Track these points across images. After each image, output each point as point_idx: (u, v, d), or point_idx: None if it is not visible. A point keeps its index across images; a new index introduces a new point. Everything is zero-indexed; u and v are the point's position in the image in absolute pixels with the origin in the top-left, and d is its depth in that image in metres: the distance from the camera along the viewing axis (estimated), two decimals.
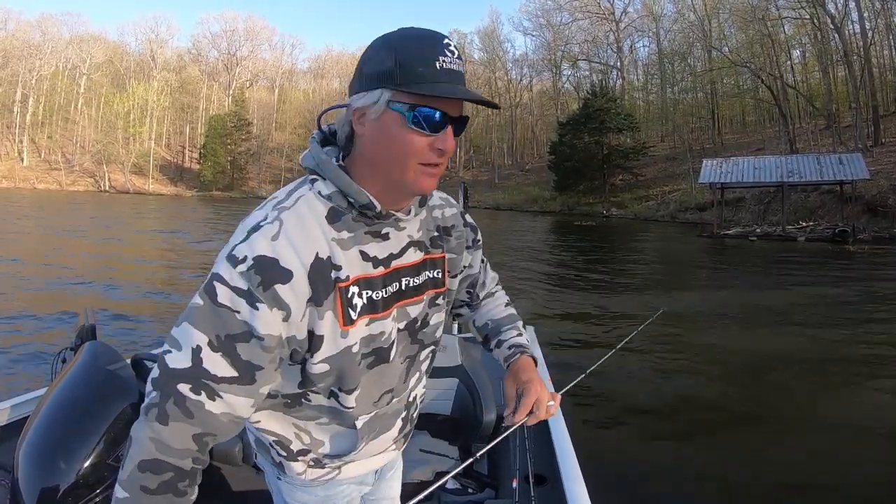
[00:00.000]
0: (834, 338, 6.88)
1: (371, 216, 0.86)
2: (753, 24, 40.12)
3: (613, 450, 3.71)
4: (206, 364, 0.76)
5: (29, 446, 1.67)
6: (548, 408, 1.04)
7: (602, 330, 7.31)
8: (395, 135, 0.80)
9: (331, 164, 0.85)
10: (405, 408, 1.05)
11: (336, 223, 0.84)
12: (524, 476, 1.81)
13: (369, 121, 0.81)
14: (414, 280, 0.94)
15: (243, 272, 0.76)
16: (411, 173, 0.82)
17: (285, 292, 0.77)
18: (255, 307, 0.76)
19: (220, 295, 0.76)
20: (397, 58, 0.77)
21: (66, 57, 64.73)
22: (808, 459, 3.69)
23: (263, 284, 0.76)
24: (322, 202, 0.84)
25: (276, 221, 0.80)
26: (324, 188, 0.84)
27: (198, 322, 0.77)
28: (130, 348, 5.06)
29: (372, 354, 0.89)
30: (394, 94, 0.78)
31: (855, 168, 21.05)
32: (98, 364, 1.96)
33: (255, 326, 0.76)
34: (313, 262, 0.79)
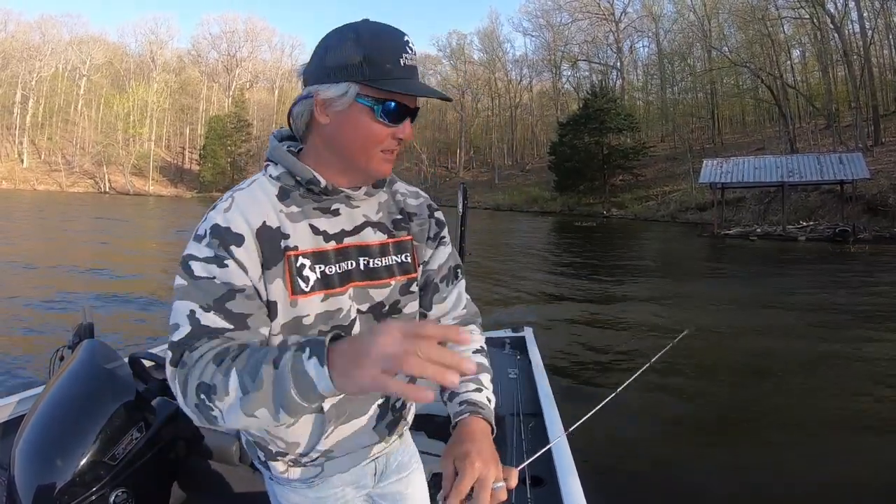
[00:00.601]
0: (835, 337, 6.87)
1: (318, 192, 0.90)
2: (753, 24, 40.16)
3: (610, 452, 3.69)
4: (203, 322, 0.81)
5: (26, 444, 1.67)
6: (493, 492, 0.80)
7: (603, 332, 7.29)
8: (361, 125, 0.85)
9: (280, 149, 0.92)
10: (381, 395, 1.00)
11: (285, 200, 0.90)
12: (521, 477, 1.80)
13: (334, 111, 0.85)
14: (375, 261, 0.95)
15: (206, 243, 0.83)
16: (374, 160, 0.88)
17: (240, 253, 0.83)
18: (225, 265, 0.82)
19: (195, 270, 0.82)
20: (365, 54, 0.81)
21: (66, 58, 64.82)
22: (808, 458, 3.68)
23: (223, 246, 0.83)
24: (272, 183, 0.91)
25: (229, 199, 0.88)
26: (273, 171, 0.91)
27: (185, 297, 0.82)
28: (128, 347, 5.06)
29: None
30: (361, 88, 0.82)
31: (855, 168, 21.05)
32: (95, 362, 1.96)
33: (232, 282, 0.82)
34: (260, 227, 0.85)
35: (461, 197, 3.39)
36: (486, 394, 0.96)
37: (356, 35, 0.83)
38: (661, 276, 12.52)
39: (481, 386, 0.97)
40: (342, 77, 0.82)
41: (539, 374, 2.78)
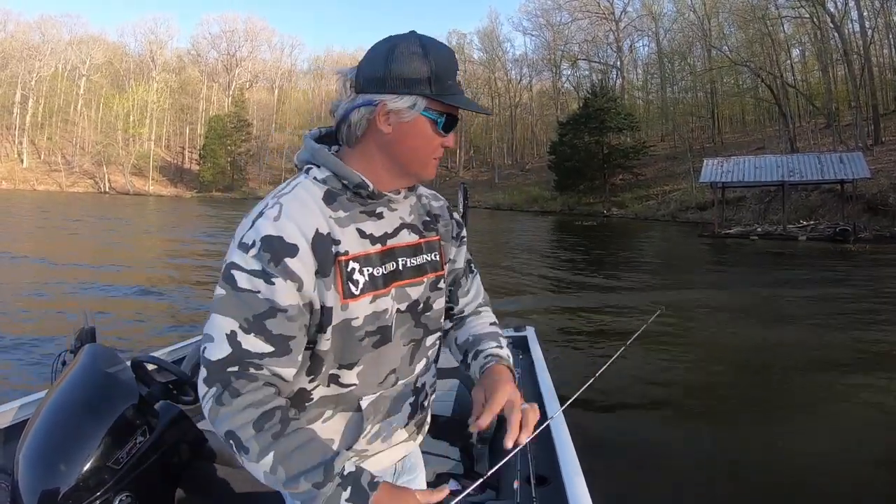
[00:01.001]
0: (836, 336, 6.87)
1: (364, 196, 0.93)
2: (753, 23, 40.11)
3: (616, 450, 3.70)
4: (245, 346, 0.83)
5: (29, 449, 1.66)
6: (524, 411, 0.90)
7: (604, 331, 7.30)
8: (425, 136, 0.91)
9: (324, 151, 0.93)
10: (413, 393, 1.05)
11: (332, 204, 0.91)
12: (525, 477, 1.80)
13: (399, 121, 0.89)
14: (411, 261, 0.99)
15: (255, 255, 0.83)
16: (429, 167, 0.95)
17: (295, 264, 0.84)
18: (272, 282, 0.83)
19: (238, 280, 0.83)
20: (433, 70, 0.87)
21: (66, 58, 64.75)
22: (808, 455, 3.69)
23: (274, 260, 0.83)
24: (318, 186, 0.92)
25: (277, 205, 0.87)
26: (318, 173, 0.92)
27: (225, 310, 0.83)
28: (130, 351, 5.05)
29: (377, 333, 0.93)
30: (429, 102, 0.88)
31: (856, 167, 21.03)
32: (98, 366, 1.95)
33: (276, 301, 0.83)
34: (314, 236, 0.86)
35: (461, 197, 3.39)
36: (505, 350, 1.09)
37: (423, 50, 0.87)
38: (663, 276, 12.52)
39: (501, 344, 1.10)
40: (411, 90, 0.87)
41: (542, 373, 2.78)
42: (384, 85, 0.87)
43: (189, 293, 8.94)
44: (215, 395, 0.82)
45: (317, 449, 0.82)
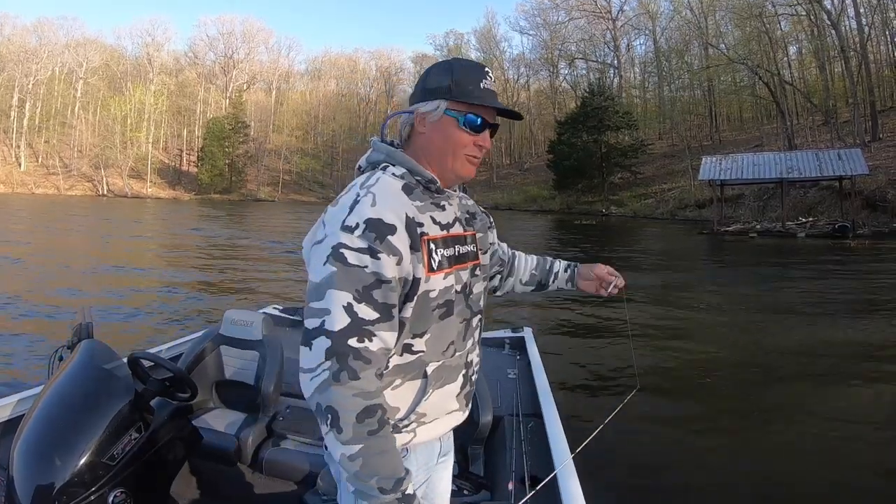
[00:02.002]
0: (837, 332, 6.87)
1: (433, 190, 1.11)
2: (750, 21, 40.15)
3: (609, 451, 3.69)
4: (360, 315, 0.95)
5: (25, 444, 1.66)
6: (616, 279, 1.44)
7: (604, 331, 7.29)
8: (450, 133, 1.10)
9: (400, 152, 1.12)
10: (465, 366, 1.19)
11: (410, 195, 1.07)
12: (520, 478, 1.80)
13: (430, 122, 1.10)
14: (461, 248, 1.16)
15: (360, 235, 0.97)
16: (459, 162, 1.12)
17: (395, 240, 0.98)
18: (378, 258, 0.96)
19: (348, 258, 0.96)
20: (453, 78, 1.08)
21: (63, 61, 64.63)
22: (809, 452, 3.68)
23: (379, 238, 0.97)
24: (396, 180, 1.08)
25: (369, 195, 1.01)
26: (395, 170, 1.10)
27: (339, 285, 0.95)
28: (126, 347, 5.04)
29: (444, 306, 1.09)
30: (450, 104, 1.08)
31: (854, 163, 21.06)
32: (94, 363, 1.96)
33: (382, 273, 0.96)
34: (406, 218, 1.02)
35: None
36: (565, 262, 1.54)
37: (450, 67, 1.10)
38: (664, 274, 12.51)
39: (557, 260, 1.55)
40: (436, 96, 1.08)
41: (539, 374, 2.77)
42: (418, 97, 1.11)
43: (188, 291, 8.93)
44: (333, 371, 0.93)
45: (396, 462, 0.96)
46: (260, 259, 13.88)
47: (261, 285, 9.83)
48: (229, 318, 2.74)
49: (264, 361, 2.62)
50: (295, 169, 66.51)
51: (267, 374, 2.56)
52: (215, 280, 10.50)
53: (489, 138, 1.13)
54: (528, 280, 1.53)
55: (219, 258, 13.77)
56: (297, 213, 37.21)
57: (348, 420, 0.91)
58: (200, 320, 6.91)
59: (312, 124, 72.84)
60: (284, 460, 2.34)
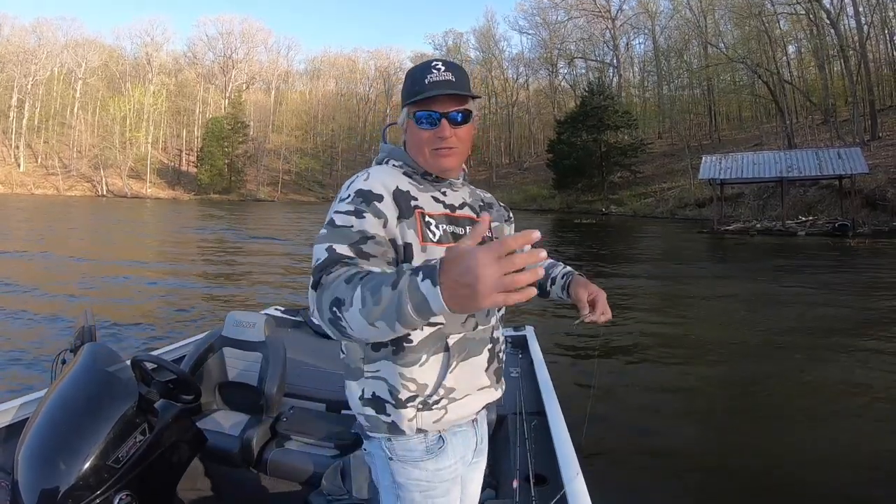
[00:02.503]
0: (838, 331, 6.87)
1: (430, 180, 1.21)
2: (749, 20, 40.16)
3: (615, 449, 3.69)
4: (338, 251, 1.01)
5: (29, 448, 1.66)
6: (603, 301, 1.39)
7: (603, 331, 7.28)
8: (414, 133, 1.19)
9: (399, 150, 1.25)
10: (490, 341, 1.23)
11: (410, 178, 1.19)
12: (524, 476, 1.80)
13: (406, 128, 1.22)
14: (461, 229, 1.19)
15: (349, 201, 1.09)
16: (431, 157, 1.19)
17: (381, 205, 1.09)
18: (363, 216, 1.06)
19: (336, 220, 1.06)
20: (406, 83, 1.19)
21: (62, 61, 64.57)
22: (810, 450, 3.68)
23: (365, 202, 1.08)
24: (397, 168, 1.21)
25: (366, 173, 1.15)
26: (396, 162, 1.23)
27: (324, 239, 1.03)
28: (130, 350, 5.04)
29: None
30: (409, 108, 1.18)
31: (854, 162, 21.06)
32: (98, 366, 1.95)
33: (365, 230, 1.05)
34: (395, 189, 1.13)
35: None
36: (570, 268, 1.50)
37: (408, 74, 1.20)
38: (666, 272, 12.52)
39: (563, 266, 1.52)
40: (404, 104, 1.20)
41: (541, 372, 2.78)
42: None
43: (190, 293, 8.92)
44: (315, 285, 0.95)
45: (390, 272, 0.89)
46: (261, 258, 13.87)
47: (264, 286, 9.83)
48: (232, 320, 2.75)
49: (267, 362, 2.62)
50: (294, 169, 66.49)
51: (270, 376, 2.56)
52: (217, 280, 10.50)
53: (448, 127, 1.16)
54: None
55: (220, 257, 13.77)
56: (297, 212, 37.19)
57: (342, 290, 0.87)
58: (203, 322, 6.91)
59: (312, 124, 72.82)
60: (289, 461, 2.34)
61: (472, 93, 1.20)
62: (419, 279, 0.79)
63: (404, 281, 0.81)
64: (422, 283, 0.79)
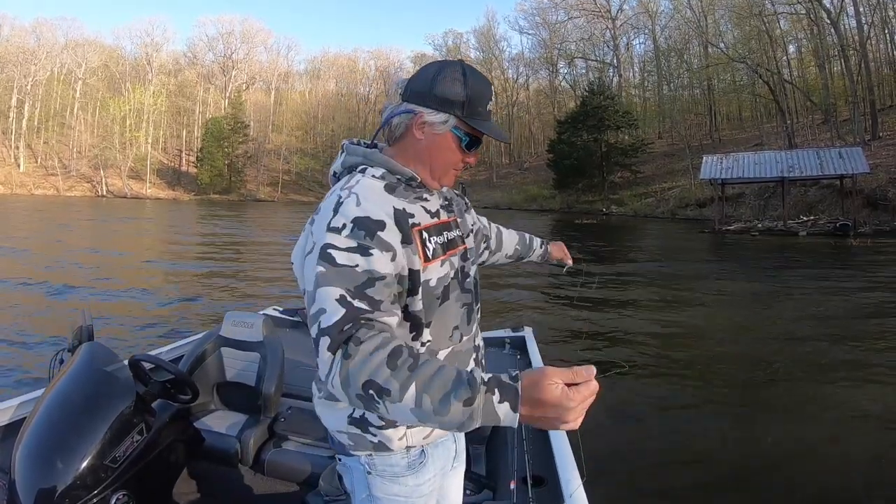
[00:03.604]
0: (841, 331, 6.85)
1: (415, 186, 1.10)
2: (749, 20, 40.14)
3: (613, 450, 3.68)
4: (357, 305, 0.90)
5: (26, 447, 1.66)
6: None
7: (604, 332, 7.29)
8: (449, 149, 1.09)
9: (377, 153, 1.10)
10: (474, 349, 1.22)
11: (393, 193, 1.06)
12: (522, 477, 1.79)
13: (432, 132, 1.07)
14: (450, 234, 1.16)
15: (348, 234, 0.94)
16: (447, 176, 1.13)
17: (386, 235, 0.97)
18: (370, 254, 0.94)
19: (337, 258, 0.93)
20: (468, 95, 1.05)
21: (62, 62, 64.53)
22: (811, 450, 3.68)
23: (369, 235, 0.95)
24: (376, 181, 1.06)
25: (352, 195, 1.00)
26: (374, 171, 1.08)
27: (329, 282, 0.91)
28: (127, 349, 5.04)
29: (442, 292, 1.09)
30: (458, 121, 1.06)
31: (855, 162, 21.06)
32: (95, 365, 1.95)
33: (375, 270, 0.94)
34: (393, 212, 1.01)
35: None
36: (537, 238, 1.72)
37: (464, 78, 1.06)
38: (668, 272, 12.51)
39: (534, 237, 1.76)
40: (446, 108, 1.05)
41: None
42: (425, 100, 1.05)
43: (188, 293, 8.92)
44: (342, 354, 0.85)
45: (452, 370, 0.81)
46: (263, 257, 13.87)
47: (264, 285, 9.83)
48: (230, 320, 2.75)
49: (265, 363, 2.62)
50: (294, 169, 66.40)
51: (268, 376, 2.56)
52: (219, 280, 10.49)
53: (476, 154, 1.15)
54: (512, 254, 1.66)
55: (223, 257, 13.77)
56: (299, 212, 37.18)
57: (385, 376, 0.80)
58: (199, 322, 6.91)
59: (312, 124, 72.73)
60: (286, 461, 2.34)
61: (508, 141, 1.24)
62: (496, 400, 0.77)
63: (480, 400, 0.77)
64: (499, 406, 0.77)
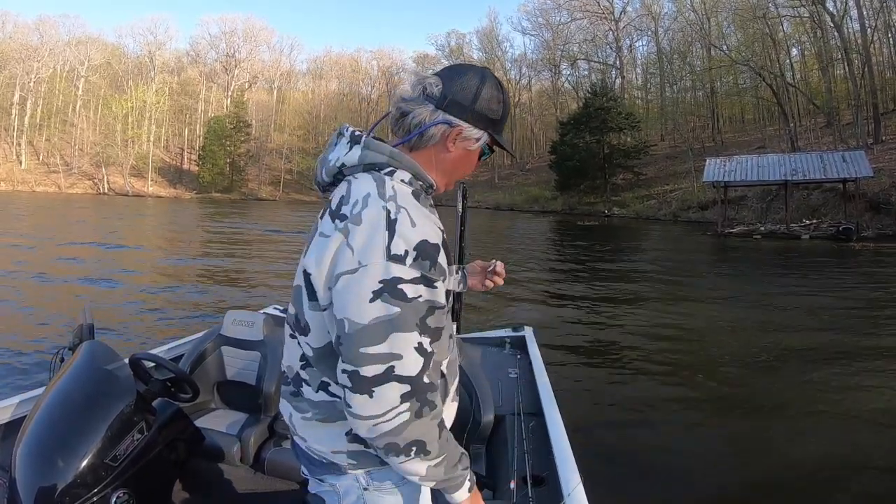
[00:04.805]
0: (843, 334, 6.85)
1: (430, 194, 1.07)
2: (753, 23, 40.11)
3: (613, 450, 3.68)
4: (429, 350, 0.92)
5: (27, 446, 1.65)
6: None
7: (604, 333, 7.28)
8: (471, 160, 1.09)
9: (404, 155, 1.03)
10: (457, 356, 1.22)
11: (419, 201, 1.01)
12: (522, 477, 1.79)
13: (464, 147, 1.05)
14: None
15: (413, 263, 0.89)
16: (450, 181, 1.11)
17: (442, 260, 0.94)
18: (434, 286, 0.92)
19: (408, 293, 0.88)
20: (502, 114, 1.06)
21: (64, 59, 64.59)
22: (813, 452, 3.67)
23: (431, 262, 0.91)
24: (406, 187, 1.00)
25: (402, 211, 0.93)
26: (403, 176, 1.01)
27: (405, 326, 0.88)
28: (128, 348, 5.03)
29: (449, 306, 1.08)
30: (489, 138, 1.06)
31: (858, 166, 21.04)
32: (96, 364, 1.95)
33: (436, 301, 0.93)
34: (442, 235, 0.97)
35: (460, 197, 3.39)
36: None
37: (501, 95, 1.05)
38: (670, 275, 12.50)
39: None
40: (484, 125, 1.04)
41: (540, 373, 2.77)
42: (465, 114, 1.02)
43: (190, 291, 8.93)
44: (415, 410, 0.91)
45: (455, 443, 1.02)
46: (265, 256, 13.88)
47: (265, 284, 9.83)
48: (230, 319, 2.75)
49: (266, 361, 2.62)
50: (296, 168, 66.39)
51: (268, 375, 2.56)
52: (218, 280, 10.50)
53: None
54: None
55: (224, 255, 13.78)
56: (300, 211, 37.22)
57: (433, 440, 0.94)
58: (197, 321, 6.91)
59: (314, 124, 72.72)
60: (286, 460, 2.33)
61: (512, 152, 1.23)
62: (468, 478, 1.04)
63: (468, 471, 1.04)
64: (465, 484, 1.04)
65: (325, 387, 1.03)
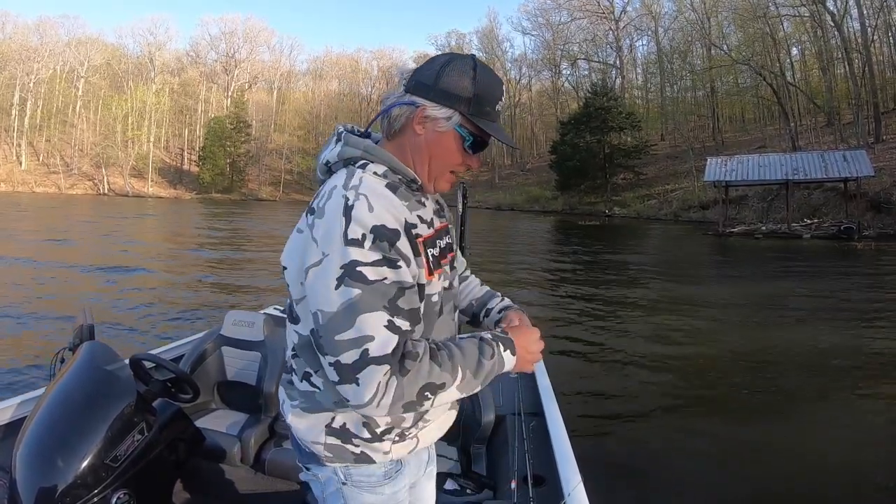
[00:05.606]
0: (845, 334, 6.85)
1: (414, 189, 1.02)
2: (753, 22, 40.08)
3: (613, 451, 3.68)
4: (403, 328, 0.90)
5: (27, 446, 1.65)
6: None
7: (606, 333, 7.27)
8: (449, 148, 1.01)
9: (379, 148, 1.01)
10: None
11: (395, 193, 0.97)
12: (523, 477, 1.79)
13: (434, 129, 0.99)
14: (442, 242, 1.08)
15: (371, 246, 0.88)
16: (443, 177, 1.05)
17: (402, 246, 0.92)
18: (398, 266, 0.90)
19: (369, 275, 0.87)
20: (476, 92, 0.97)
21: (64, 60, 64.61)
22: (814, 453, 3.67)
23: (391, 245, 0.90)
24: (379, 179, 0.97)
25: (360, 197, 0.91)
26: (377, 168, 0.99)
27: (371, 306, 0.87)
28: (128, 348, 5.04)
29: (440, 306, 1.04)
30: (463, 119, 0.98)
31: (859, 165, 21.04)
32: (96, 364, 1.94)
33: (403, 280, 0.90)
34: (404, 223, 0.94)
35: (461, 197, 3.39)
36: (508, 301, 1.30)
37: (473, 72, 0.98)
38: (671, 275, 12.50)
39: (503, 299, 1.31)
40: (450, 103, 0.97)
41: (540, 373, 2.77)
42: (429, 92, 0.97)
43: (190, 291, 8.93)
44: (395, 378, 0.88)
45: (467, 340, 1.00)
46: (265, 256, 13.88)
47: (266, 283, 9.83)
48: (231, 319, 2.75)
49: (266, 362, 2.62)
50: (296, 169, 66.42)
51: (269, 375, 2.56)
52: (219, 279, 10.50)
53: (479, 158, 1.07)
54: (465, 309, 1.30)
55: (225, 257, 13.78)
56: (300, 213, 37.23)
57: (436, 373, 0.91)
58: (198, 322, 6.91)
59: (314, 124, 72.70)
60: (286, 461, 2.33)
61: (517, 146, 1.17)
62: (501, 349, 0.99)
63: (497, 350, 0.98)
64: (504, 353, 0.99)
65: (308, 377, 1.04)
